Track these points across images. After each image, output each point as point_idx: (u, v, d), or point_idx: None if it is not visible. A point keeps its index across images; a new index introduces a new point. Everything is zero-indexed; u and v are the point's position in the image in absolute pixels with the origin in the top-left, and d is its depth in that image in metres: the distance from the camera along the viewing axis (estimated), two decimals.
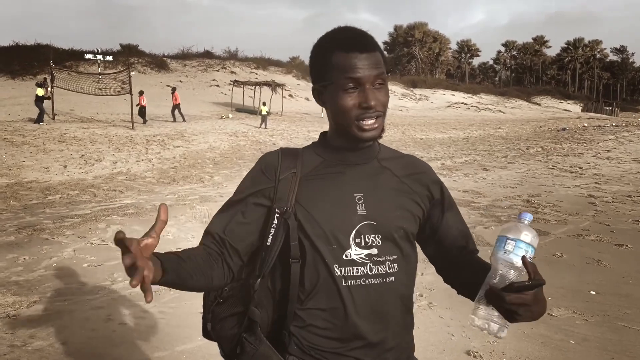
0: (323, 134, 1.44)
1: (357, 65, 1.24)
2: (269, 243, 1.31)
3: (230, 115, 27.82)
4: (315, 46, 1.35)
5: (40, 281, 4.80)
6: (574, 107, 69.52)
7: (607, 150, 19.32)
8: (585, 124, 38.27)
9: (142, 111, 22.44)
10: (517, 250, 1.14)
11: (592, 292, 4.74)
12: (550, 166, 14.41)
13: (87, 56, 33.24)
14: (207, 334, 1.43)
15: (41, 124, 18.97)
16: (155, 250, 1.10)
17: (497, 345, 3.64)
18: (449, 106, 53.37)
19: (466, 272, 1.39)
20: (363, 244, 1.29)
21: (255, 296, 1.33)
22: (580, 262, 5.65)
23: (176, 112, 23.94)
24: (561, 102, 72.30)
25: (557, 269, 5.42)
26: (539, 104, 68.17)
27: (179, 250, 1.27)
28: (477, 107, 55.29)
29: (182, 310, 4.19)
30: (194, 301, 4.39)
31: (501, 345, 3.65)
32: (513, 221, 1.19)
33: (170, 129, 20.47)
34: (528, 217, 1.18)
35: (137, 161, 13.41)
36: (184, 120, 23.35)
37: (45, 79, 24.95)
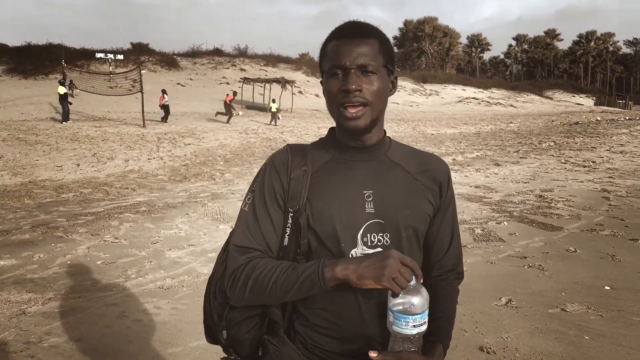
0: (332, 130, 1.41)
1: (342, 51, 1.23)
2: (286, 243, 1.30)
3: (241, 112, 27.86)
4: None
5: (54, 278, 4.85)
6: (587, 101, 68.75)
7: (621, 144, 19.10)
8: (598, 118, 37.86)
9: (165, 110, 22.41)
10: (407, 326, 1.16)
11: (607, 288, 4.70)
12: (563, 160, 14.28)
13: (98, 55, 33.56)
14: (213, 338, 1.41)
15: (68, 122, 19.21)
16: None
17: (510, 341, 3.62)
18: (459, 101, 53.03)
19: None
20: (370, 243, 1.27)
21: None
22: (594, 257, 5.60)
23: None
24: (573, 96, 71.54)
25: (571, 264, 5.37)
26: (551, 98, 67.52)
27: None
28: (488, 101, 54.89)
29: (194, 306, 4.21)
30: None
31: (515, 340, 3.63)
32: (402, 295, 1.14)
33: (181, 126, 20.56)
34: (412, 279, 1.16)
35: (148, 159, 13.49)
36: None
37: (71, 81, 25.26)
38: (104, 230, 6.59)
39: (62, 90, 19.92)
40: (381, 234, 1.28)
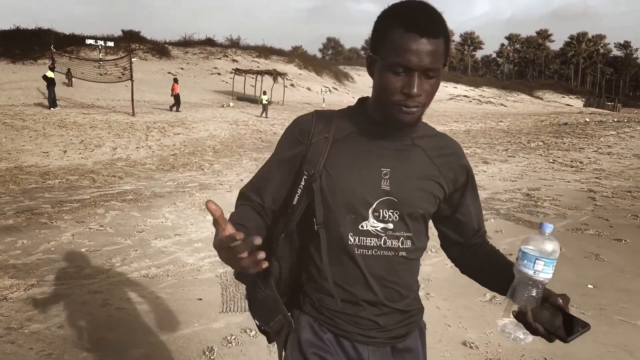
0: (362, 100, 1.40)
1: (411, 50, 1.15)
2: (295, 202, 1.35)
3: (231, 104, 27.75)
4: (380, 15, 1.25)
5: (38, 265, 4.80)
6: (576, 102, 69.35)
7: (608, 146, 19.28)
8: (587, 119, 38.18)
9: (177, 99, 22.36)
10: (545, 269, 1.16)
11: (590, 286, 4.74)
12: (551, 160, 14.39)
13: (88, 41, 33.18)
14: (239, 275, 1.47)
15: (56, 108, 19.02)
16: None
17: (493, 337, 3.64)
18: (450, 99, 53.22)
19: (488, 270, 1.43)
20: (381, 218, 1.30)
21: (277, 251, 1.39)
22: (579, 256, 5.65)
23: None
24: (563, 97, 72.15)
25: (555, 262, 5.41)
26: (541, 98, 68.04)
27: (232, 220, 1.26)
28: (479, 100, 55.18)
29: (179, 295, 4.19)
30: (191, 287, 4.39)
31: (497, 336, 3.65)
32: (538, 235, 1.16)
33: (170, 116, 20.41)
34: (549, 229, 1.16)
35: (137, 148, 13.38)
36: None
37: (69, 69, 25.01)
38: (90, 217, 6.53)
39: (50, 74, 19.69)
40: (392, 211, 1.31)
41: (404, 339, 1.43)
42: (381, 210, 1.30)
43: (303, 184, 1.32)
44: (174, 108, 22.24)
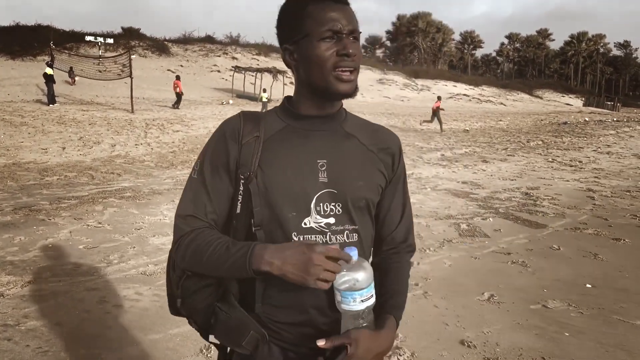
0: (287, 99, 1.39)
1: (334, 16, 1.21)
2: (238, 211, 1.28)
3: (231, 101, 27.72)
4: (285, 3, 1.29)
5: (35, 262, 4.79)
6: (576, 102, 69.30)
7: (608, 145, 19.28)
8: (587, 119, 38.16)
9: (179, 97, 22.38)
10: (367, 297, 1.17)
11: (588, 286, 4.74)
12: (550, 159, 14.38)
13: (88, 38, 33.15)
14: (176, 310, 1.38)
15: (55, 104, 18.99)
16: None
17: (491, 336, 3.63)
18: (450, 97, 53.19)
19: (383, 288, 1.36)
20: (322, 213, 1.26)
21: None
22: (577, 256, 5.64)
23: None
24: (563, 96, 72.09)
25: (554, 261, 5.41)
26: (541, 98, 68.00)
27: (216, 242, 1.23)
28: (478, 99, 55.15)
29: None
30: None
31: (495, 335, 3.64)
32: (346, 272, 1.15)
33: (169, 113, 20.38)
34: (354, 254, 1.15)
35: (135, 145, 13.36)
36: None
37: (71, 67, 24.97)
38: (88, 214, 6.51)
39: (49, 71, 19.66)
40: (333, 204, 1.27)
41: None
42: (322, 204, 1.26)
43: (242, 188, 1.26)
44: (176, 105, 22.25)
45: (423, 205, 7.91)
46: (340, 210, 1.28)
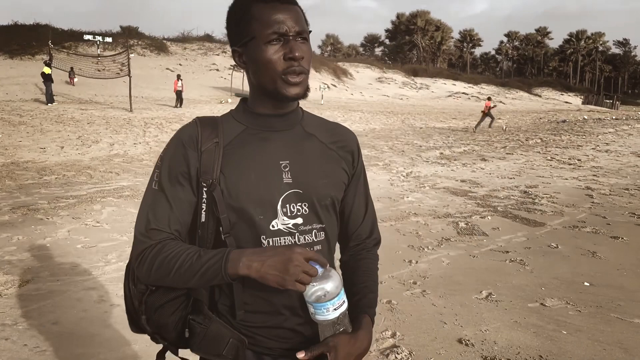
0: (243, 100, 1.37)
1: (279, 18, 1.18)
2: (203, 220, 1.24)
3: (230, 100, 27.68)
4: (232, 5, 1.27)
5: (33, 261, 4.78)
6: (575, 100, 69.34)
7: (606, 143, 19.28)
8: (585, 117, 38.18)
9: (179, 95, 22.37)
10: (338, 304, 1.18)
11: (586, 284, 4.74)
12: (549, 158, 14.38)
13: (87, 37, 33.06)
14: (138, 327, 1.33)
15: (53, 104, 18.97)
16: None
17: (489, 334, 3.64)
18: (449, 96, 53.21)
19: (355, 287, 1.37)
20: (289, 214, 1.25)
21: None
22: (575, 254, 5.65)
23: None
24: (562, 94, 72.12)
25: (552, 259, 5.41)
26: (540, 96, 68.02)
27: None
28: (477, 97, 55.12)
29: None
30: None
31: (493, 333, 3.65)
32: (317, 282, 1.15)
33: (168, 112, 20.37)
34: (319, 269, 1.15)
35: (134, 143, 13.35)
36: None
37: (72, 68, 24.96)
38: (86, 213, 6.51)
39: (47, 70, 19.64)
40: (300, 204, 1.27)
41: None
42: (289, 205, 1.25)
43: (205, 196, 1.23)
44: (178, 104, 22.28)
45: (422, 203, 7.91)
46: (307, 210, 1.27)
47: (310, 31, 1.27)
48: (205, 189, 1.22)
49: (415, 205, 7.79)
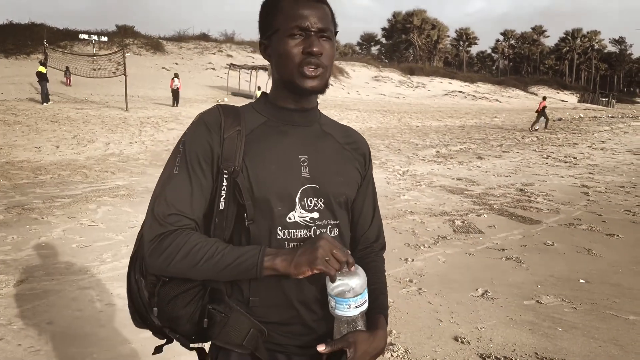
0: (265, 94, 1.39)
1: (303, 13, 1.21)
2: (222, 207, 1.22)
3: (226, 99, 27.64)
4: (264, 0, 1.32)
5: (28, 260, 4.76)
6: (571, 98, 69.53)
7: (602, 141, 19.34)
8: (581, 115, 38.27)
9: (176, 94, 22.32)
10: (360, 302, 1.20)
11: (582, 281, 4.75)
12: (545, 156, 14.41)
13: (82, 36, 33.01)
14: (145, 321, 1.31)
15: (49, 103, 18.90)
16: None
17: (485, 332, 3.64)
18: (445, 94, 53.24)
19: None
20: (307, 207, 1.26)
21: None
22: (571, 251, 5.66)
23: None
24: (558, 93, 72.26)
25: (548, 257, 5.42)
26: (536, 94, 68.10)
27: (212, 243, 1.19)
28: (474, 95, 55.23)
29: None
30: None
31: (489, 331, 3.65)
32: (341, 278, 1.16)
33: (164, 111, 20.32)
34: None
35: (130, 143, 13.30)
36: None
37: (67, 67, 24.87)
38: (81, 213, 6.48)
39: (42, 69, 19.57)
40: (317, 199, 1.28)
41: None
42: (306, 199, 1.26)
43: (225, 184, 1.22)
44: (176, 103, 22.24)
45: (418, 201, 7.91)
46: (322, 205, 1.28)
47: (336, 32, 1.30)
48: (226, 176, 1.22)
49: (411, 203, 7.79)
